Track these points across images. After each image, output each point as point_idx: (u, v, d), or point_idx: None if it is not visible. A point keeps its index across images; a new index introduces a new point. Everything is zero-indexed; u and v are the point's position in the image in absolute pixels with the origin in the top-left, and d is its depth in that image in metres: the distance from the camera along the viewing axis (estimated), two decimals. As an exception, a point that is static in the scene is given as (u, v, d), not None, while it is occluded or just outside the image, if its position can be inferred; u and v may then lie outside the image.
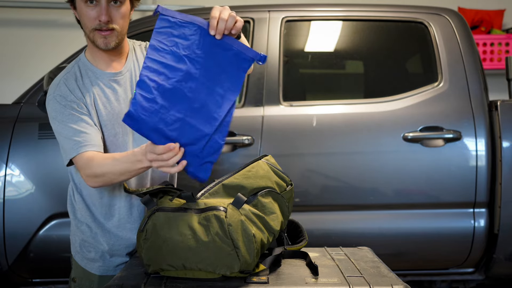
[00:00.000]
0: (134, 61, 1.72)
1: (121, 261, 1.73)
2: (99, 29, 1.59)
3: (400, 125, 2.51)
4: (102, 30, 1.58)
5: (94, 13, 1.57)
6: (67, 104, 1.60)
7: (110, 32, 1.59)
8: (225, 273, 1.32)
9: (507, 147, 2.48)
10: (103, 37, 1.59)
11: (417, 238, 2.52)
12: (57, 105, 1.60)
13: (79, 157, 1.56)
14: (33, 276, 2.51)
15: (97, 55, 1.67)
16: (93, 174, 1.54)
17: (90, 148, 1.55)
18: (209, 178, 1.45)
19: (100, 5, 1.56)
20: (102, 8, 1.56)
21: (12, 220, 2.41)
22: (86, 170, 1.55)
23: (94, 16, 1.57)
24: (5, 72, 4.38)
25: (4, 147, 2.42)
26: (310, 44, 2.87)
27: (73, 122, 1.58)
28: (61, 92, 1.62)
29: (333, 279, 1.36)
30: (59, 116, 1.60)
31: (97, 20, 1.57)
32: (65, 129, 1.58)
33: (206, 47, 1.43)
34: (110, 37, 1.60)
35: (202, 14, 2.76)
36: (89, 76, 1.66)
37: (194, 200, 1.40)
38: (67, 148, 1.58)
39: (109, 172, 1.52)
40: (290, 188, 1.56)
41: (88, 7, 1.57)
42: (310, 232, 1.76)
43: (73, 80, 1.65)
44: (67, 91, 1.62)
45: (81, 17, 1.61)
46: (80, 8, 1.59)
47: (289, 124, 2.53)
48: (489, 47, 4.25)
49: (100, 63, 1.68)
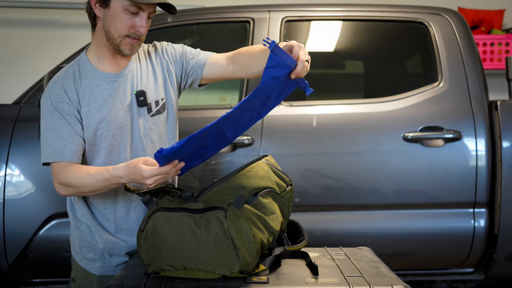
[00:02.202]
0: (137, 63, 1.73)
1: (120, 261, 1.73)
2: (130, 37, 1.61)
3: (400, 125, 2.51)
4: (133, 38, 1.62)
5: (132, 22, 1.59)
6: (58, 105, 1.62)
7: (138, 41, 1.64)
8: (225, 273, 1.32)
9: (507, 147, 2.48)
10: (131, 44, 1.62)
11: (417, 238, 2.52)
12: (49, 105, 1.63)
13: (54, 164, 1.61)
14: (33, 276, 2.51)
15: (105, 56, 1.67)
16: (65, 183, 1.59)
17: (66, 159, 1.60)
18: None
19: (141, 17, 1.59)
20: (143, 20, 1.60)
21: (12, 220, 2.41)
22: (59, 179, 1.60)
23: (131, 25, 1.60)
24: (6, 72, 4.37)
25: (4, 147, 2.42)
26: (310, 44, 2.87)
27: (59, 127, 1.61)
28: (56, 92, 1.63)
29: (333, 279, 1.36)
30: (47, 116, 1.63)
31: (133, 29, 1.60)
32: (49, 132, 1.62)
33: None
34: (136, 46, 1.64)
35: (202, 14, 2.76)
36: (88, 76, 1.66)
37: (194, 200, 1.40)
38: (45, 151, 1.63)
39: (82, 185, 1.58)
40: (290, 189, 1.56)
41: (128, 14, 1.58)
42: (310, 232, 1.76)
43: (71, 79, 1.65)
44: (62, 91, 1.63)
45: (113, 20, 1.59)
46: (117, 11, 1.58)
47: (289, 124, 2.53)
48: (489, 47, 4.25)
49: (102, 63, 1.68)
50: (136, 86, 1.69)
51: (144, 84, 1.71)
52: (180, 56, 1.77)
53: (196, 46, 1.84)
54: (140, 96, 1.67)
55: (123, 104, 1.67)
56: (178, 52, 1.78)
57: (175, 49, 1.78)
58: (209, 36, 2.95)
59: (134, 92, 1.68)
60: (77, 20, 4.41)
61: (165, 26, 2.66)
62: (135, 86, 1.70)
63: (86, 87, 1.65)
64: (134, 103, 1.68)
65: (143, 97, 1.67)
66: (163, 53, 1.77)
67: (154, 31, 2.63)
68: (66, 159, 1.59)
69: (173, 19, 2.65)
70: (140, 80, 1.70)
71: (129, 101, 1.67)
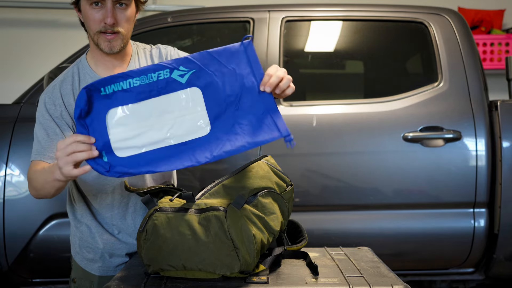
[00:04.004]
0: (136, 66, 1.70)
1: (121, 261, 1.73)
2: (104, 32, 1.57)
3: (400, 125, 2.51)
4: (107, 33, 1.57)
5: (99, 16, 1.55)
6: (51, 108, 1.61)
7: (115, 35, 1.57)
8: (225, 273, 1.32)
9: (507, 147, 2.48)
10: (108, 40, 1.57)
11: (417, 238, 2.52)
12: (43, 107, 1.62)
13: (32, 163, 1.59)
14: (33, 276, 2.51)
15: (99, 59, 1.66)
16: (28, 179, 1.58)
17: (46, 160, 1.57)
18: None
19: (105, 7, 1.54)
20: (107, 11, 1.54)
21: (12, 220, 2.41)
22: (28, 176, 1.59)
23: (99, 19, 1.55)
24: (5, 72, 4.37)
25: (4, 147, 2.42)
26: (310, 44, 2.87)
27: (47, 128, 1.60)
28: (53, 95, 1.63)
29: (333, 279, 1.35)
30: (39, 117, 1.63)
31: (102, 23, 1.55)
32: (38, 132, 1.61)
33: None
34: (114, 41, 1.58)
35: (202, 14, 2.76)
36: (87, 80, 1.65)
37: (194, 200, 1.40)
38: (33, 149, 1.61)
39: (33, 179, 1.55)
40: (290, 189, 1.56)
41: (93, 9, 1.55)
42: (310, 232, 1.76)
43: (69, 84, 1.65)
44: (58, 95, 1.63)
45: (85, 20, 1.59)
46: (85, 10, 1.57)
47: (289, 124, 2.48)
48: (489, 47, 4.25)
49: (100, 68, 1.67)
50: None
51: None
52: None
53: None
54: None
55: None
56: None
57: (179, 56, 1.76)
58: (209, 36, 2.95)
59: None
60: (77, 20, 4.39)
61: (165, 26, 2.66)
62: None
63: None
64: None
65: None
66: (167, 58, 1.74)
67: (154, 31, 2.63)
68: (45, 159, 1.57)
69: (173, 19, 2.65)
70: None
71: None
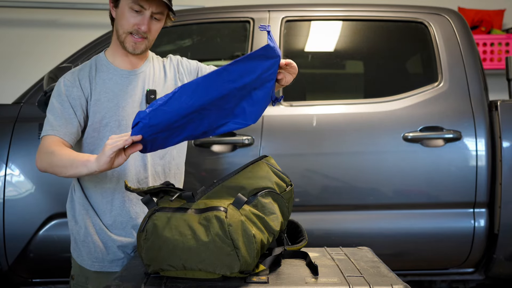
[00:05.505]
0: (150, 67, 1.82)
1: (115, 257, 1.76)
2: (133, 34, 1.70)
3: (400, 125, 2.51)
4: (137, 36, 1.70)
5: (136, 20, 1.68)
6: (68, 89, 1.71)
7: (143, 40, 1.72)
8: (225, 273, 1.32)
9: (507, 147, 2.48)
10: (134, 42, 1.71)
11: (417, 238, 2.52)
12: (60, 88, 1.72)
13: (47, 137, 1.66)
14: (33, 276, 2.51)
15: (118, 54, 1.78)
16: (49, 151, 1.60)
17: (60, 135, 1.65)
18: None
19: (143, 15, 1.68)
20: (145, 19, 1.68)
21: (12, 220, 2.41)
22: (43, 149, 1.63)
23: (134, 23, 1.69)
24: (5, 72, 4.37)
25: (4, 147, 2.42)
26: (310, 44, 2.87)
27: (62, 107, 1.69)
28: (70, 78, 1.74)
29: (333, 279, 1.35)
30: (55, 97, 1.72)
31: (136, 27, 1.69)
32: (51, 112, 1.70)
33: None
34: (140, 44, 1.72)
35: (202, 14, 2.76)
36: (103, 70, 1.77)
37: (194, 200, 1.40)
38: (44, 127, 1.68)
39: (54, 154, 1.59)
40: (290, 189, 1.56)
41: (132, 13, 1.68)
42: (310, 232, 1.76)
43: (87, 71, 1.76)
44: (75, 78, 1.74)
45: (120, 18, 1.70)
46: (123, 10, 1.69)
47: (289, 124, 2.53)
48: (489, 47, 4.25)
49: (117, 60, 1.78)
50: (148, 86, 1.79)
51: (156, 86, 1.80)
52: (195, 70, 1.89)
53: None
54: (151, 94, 1.77)
55: (132, 99, 1.76)
56: (193, 66, 1.90)
57: (190, 63, 1.90)
58: (209, 36, 2.95)
59: (146, 89, 1.77)
60: (77, 20, 4.41)
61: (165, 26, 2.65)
62: (146, 85, 1.79)
63: (100, 79, 1.75)
64: (144, 100, 1.77)
65: (154, 95, 1.77)
66: (178, 65, 1.88)
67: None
68: (60, 135, 1.65)
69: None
70: (152, 81, 1.80)
71: (139, 97, 1.77)
